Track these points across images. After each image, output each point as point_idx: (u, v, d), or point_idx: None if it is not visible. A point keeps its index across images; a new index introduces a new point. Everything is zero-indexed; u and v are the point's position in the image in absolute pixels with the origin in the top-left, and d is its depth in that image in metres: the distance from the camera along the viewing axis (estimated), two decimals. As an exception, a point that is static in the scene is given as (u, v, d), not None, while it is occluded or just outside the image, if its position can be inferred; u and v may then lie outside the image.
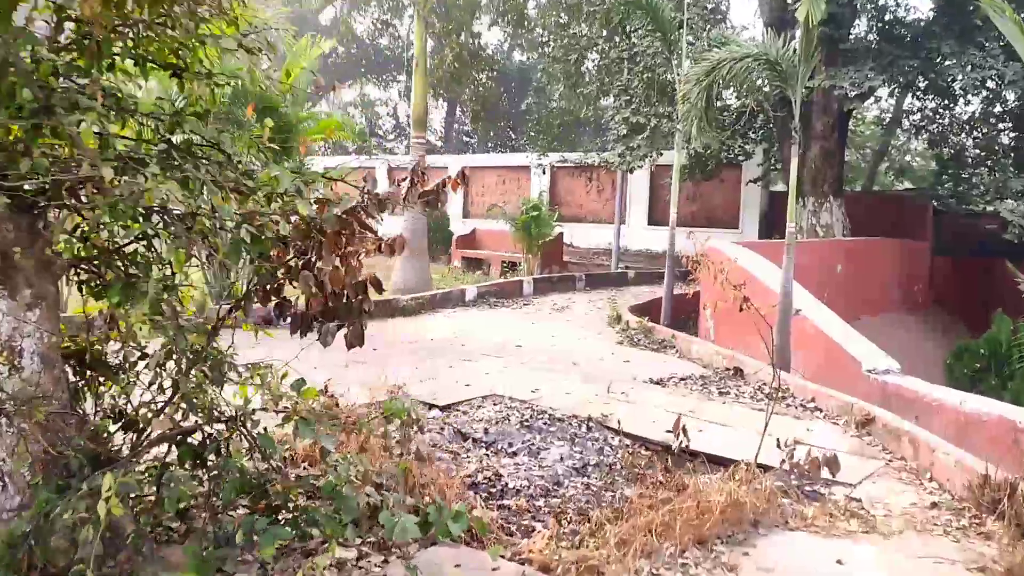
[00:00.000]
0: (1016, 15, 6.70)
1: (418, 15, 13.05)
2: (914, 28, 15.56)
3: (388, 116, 45.26)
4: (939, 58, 13.72)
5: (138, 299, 3.22)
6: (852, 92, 13.61)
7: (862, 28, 16.77)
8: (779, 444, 4.72)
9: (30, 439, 2.98)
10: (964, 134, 19.92)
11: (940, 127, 19.57)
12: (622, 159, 15.77)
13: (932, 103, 19.23)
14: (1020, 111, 17.85)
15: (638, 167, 16.84)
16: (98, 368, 3.61)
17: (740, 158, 19.26)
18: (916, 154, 32.44)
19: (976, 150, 19.56)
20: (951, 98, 17.29)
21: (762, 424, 5.39)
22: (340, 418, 4.61)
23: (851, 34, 15.60)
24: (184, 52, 3.55)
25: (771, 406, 5.49)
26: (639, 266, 19.79)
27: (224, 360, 3.84)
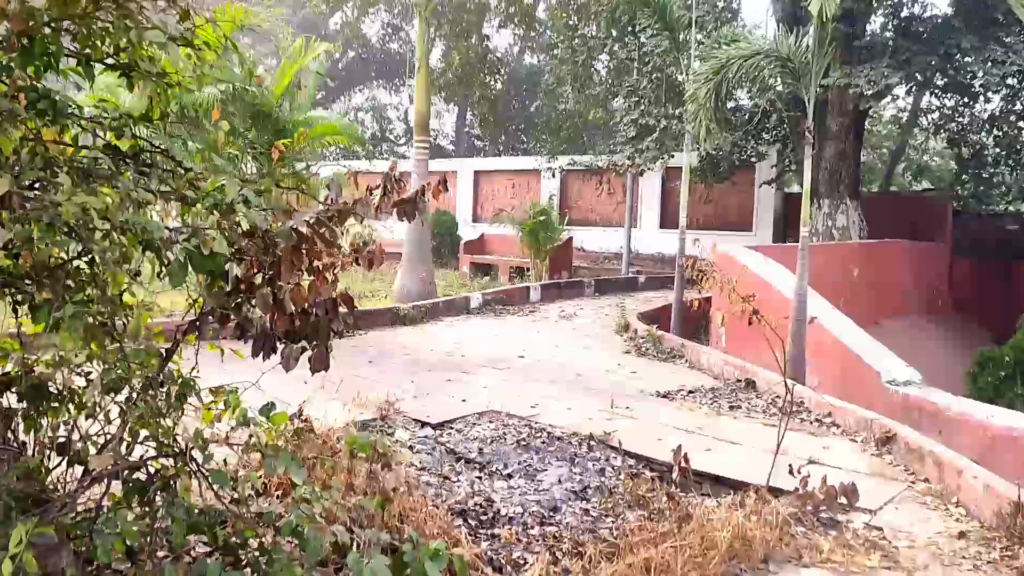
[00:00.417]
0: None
1: (420, 16, 12.73)
2: (932, 24, 15.10)
3: (399, 120, 45.04)
4: (958, 54, 13.25)
5: (70, 322, 2.89)
6: (868, 91, 13.17)
7: (878, 25, 16.31)
8: (792, 471, 4.34)
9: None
10: (984, 132, 19.38)
11: (959, 125, 19.05)
12: (631, 161, 15.40)
13: (951, 101, 18.73)
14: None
15: (648, 169, 16.47)
16: (36, 397, 3.29)
17: (753, 159, 18.83)
18: (935, 153, 31.85)
19: (997, 149, 19.01)
20: (971, 95, 16.80)
21: (775, 441, 5.03)
22: (313, 443, 4.27)
23: (867, 31, 15.16)
24: (132, 50, 3.22)
25: (783, 424, 5.12)
26: (651, 270, 19.39)
27: (187, 384, 3.53)
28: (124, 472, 3.26)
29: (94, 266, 3.26)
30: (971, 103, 17.68)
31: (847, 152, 16.08)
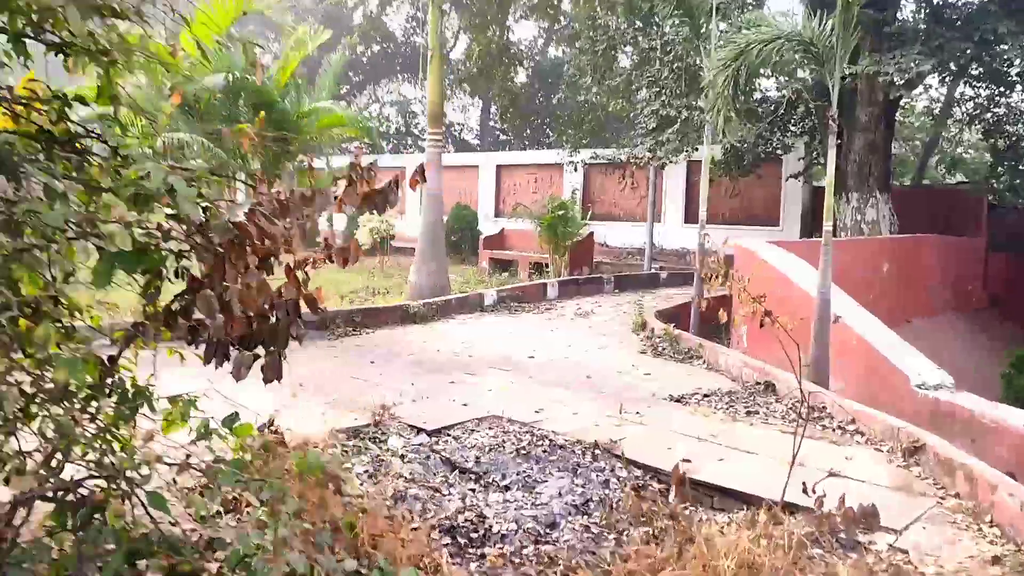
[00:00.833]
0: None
1: (432, 3, 12.38)
2: (967, 9, 14.49)
3: (424, 115, 44.70)
4: (994, 40, 12.64)
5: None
6: (899, 79, 12.61)
7: (908, 12, 15.71)
8: (806, 489, 3.94)
9: None
10: (1021, 124, 18.68)
11: (995, 116, 18.35)
12: (652, 154, 14.95)
13: (986, 91, 18.05)
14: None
15: (669, 162, 16.01)
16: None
17: (780, 152, 18.27)
18: (969, 146, 30.99)
19: (1034, 141, 18.34)
20: (1007, 84, 16.17)
21: (796, 444, 4.65)
22: (284, 458, 3.94)
23: (897, 17, 14.57)
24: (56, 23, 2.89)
25: (800, 433, 4.71)
26: (674, 266, 18.93)
27: (140, 394, 3.23)
28: (57, 494, 2.96)
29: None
30: (1007, 92, 17.00)
31: (877, 144, 15.51)
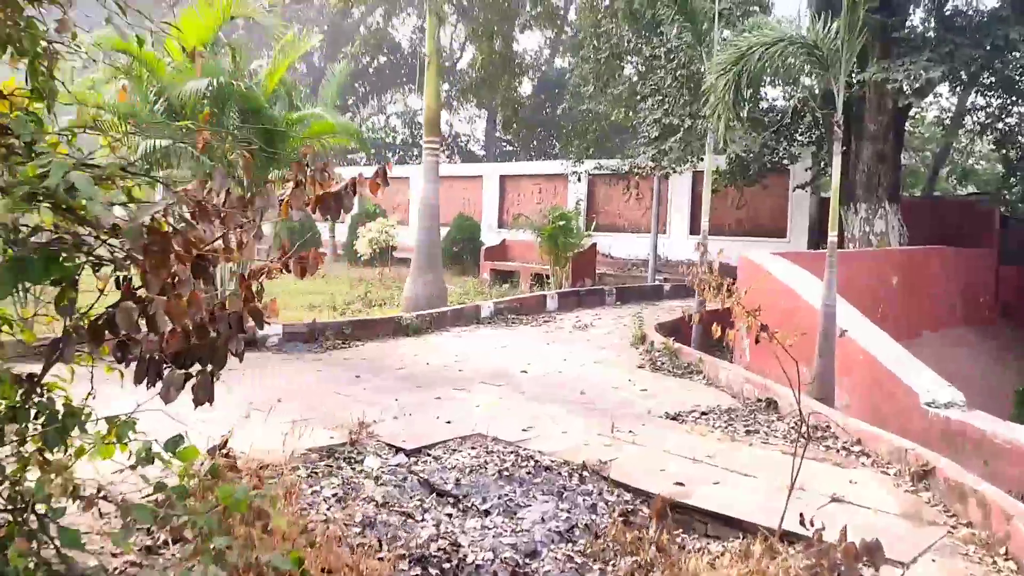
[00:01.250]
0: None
1: (429, 10, 12.14)
2: (978, 15, 14.16)
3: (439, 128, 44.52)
4: (1007, 47, 12.29)
5: None
6: (908, 87, 12.28)
7: (918, 18, 15.37)
8: (803, 521, 3.61)
9: None
10: (1034, 134, 18.32)
11: (1007, 126, 17.99)
12: (655, 163, 14.64)
13: (998, 100, 17.69)
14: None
15: (673, 171, 15.70)
16: None
17: (786, 162, 17.94)
18: (980, 157, 30.58)
19: (1048, 151, 17.96)
20: (1019, 94, 15.81)
21: (794, 469, 4.33)
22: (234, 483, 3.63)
23: (907, 24, 14.23)
24: None
25: (800, 454, 4.37)
26: (678, 278, 18.57)
27: (73, 415, 2.96)
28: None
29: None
30: (1019, 101, 16.65)
31: (886, 154, 15.17)
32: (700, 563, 3.82)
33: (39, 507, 2.59)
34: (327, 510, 4.45)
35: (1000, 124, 18.07)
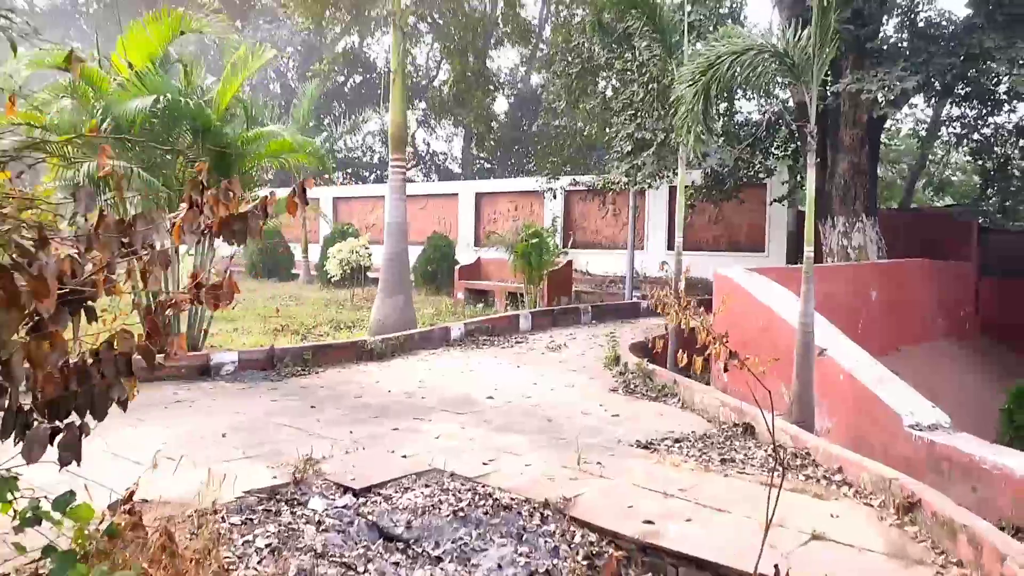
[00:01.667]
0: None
1: (394, 25, 11.81)
2: (951, 25, 13.99)
3: (407, 145, 44.19)
4: (981, 56, 12.08)
5: None
6: (882, 97, 12.06)
7: (892, 28, 15.19)
8: (779, 573, 3.24)
9: None
10: (1010, 144, 18.19)
11: (983, 137, 17.87)
12: (629, 178, 14.33)
13: (973, 111, 17.57)
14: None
15: (649, 187, 15.39)
16: None
17: (763, 176, 17.70)
18: (957, 168, 30.57)
19: (1024, 161, 17.87)
20: (995, 103, 15.66)
21: (770, 507, 3.97)
22: (139, 543, 3.22)
23: (879, 33, 14.02)
24: None
25: (777, 485, 4.01)
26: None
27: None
28: None
29: None
30: (994, 111, 16.51)
31: (862, 166, 14.94)
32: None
33: None
34: (258, 563, 4.03)
35: (976, 135, 17.97)
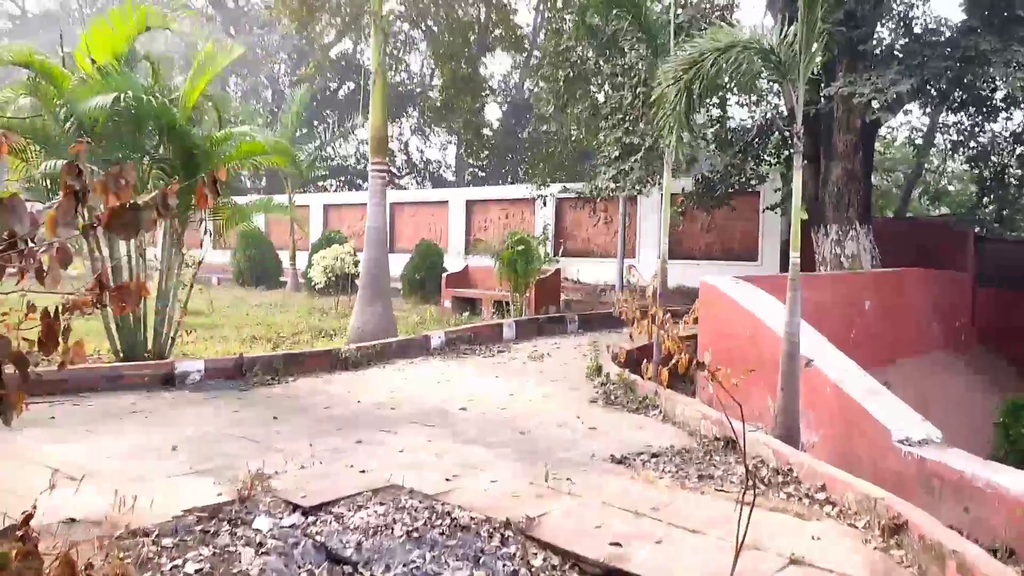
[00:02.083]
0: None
1: (375, 26, 11.51)
2: (947, 28, 13.71)
3: (400, 152, 43.89)
4: (977, 59, 11.78)
5: None
6: (876, 101, 11.75)
7: (887, 31, 14.89)
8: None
9: None
10: (1006, 152, 17.93)
11: (979, 144, 17.59)
12: (617, 184, 14.03)
13: (969, 119, 17.30)
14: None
15: (638, 193, 15.09)
16: None
17: (755, 183, 17.40)
18: (953, 177, 30.32)
19: (1021, 169, 17.55)
20: (991, 110, 15.38)
21: (750, 527, 3.66)
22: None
23: (873, 36, 13.72)
24: None
25: (746, 513, 3.70)
26: (643, 303, 17.93)
27: None
28: None
29: None
30: (991, 117, 16.23)
31: (856, 173, 14.64)
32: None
33: None
34: (185, 591, 3.70)
35: (972, 143, 17.71)
